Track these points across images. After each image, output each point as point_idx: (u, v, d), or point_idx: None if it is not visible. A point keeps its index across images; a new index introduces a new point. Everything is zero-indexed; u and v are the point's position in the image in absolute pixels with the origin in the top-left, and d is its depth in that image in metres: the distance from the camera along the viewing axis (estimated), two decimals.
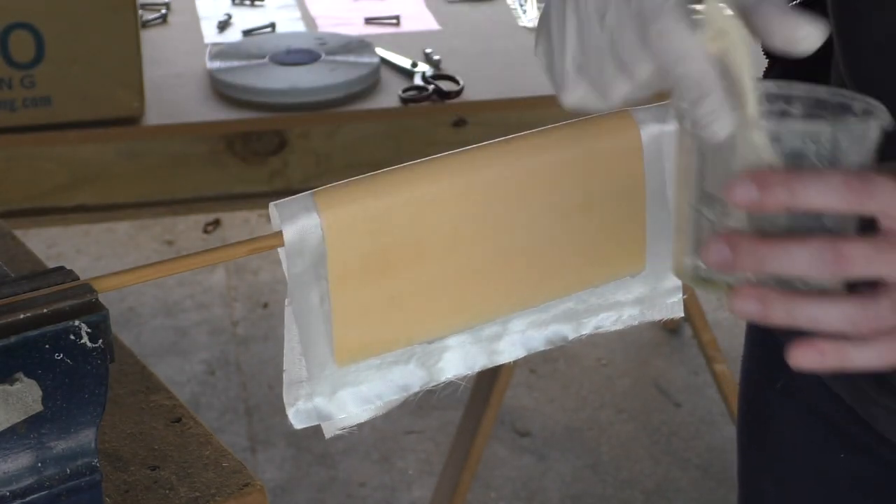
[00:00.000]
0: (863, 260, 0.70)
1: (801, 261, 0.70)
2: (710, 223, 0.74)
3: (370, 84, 2.08)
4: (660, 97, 0.85)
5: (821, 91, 0.78)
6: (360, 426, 0.87)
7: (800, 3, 1.05)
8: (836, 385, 1.02)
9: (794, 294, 0.71)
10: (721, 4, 0.73)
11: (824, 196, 0.70)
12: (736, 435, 1.19)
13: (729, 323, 2.83)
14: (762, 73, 1.09)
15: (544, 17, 0.83)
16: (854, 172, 0.71)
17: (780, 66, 1.07)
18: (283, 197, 0.81)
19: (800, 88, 0.79)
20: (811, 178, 0.70)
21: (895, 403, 0.96)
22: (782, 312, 0.71)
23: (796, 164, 0.72)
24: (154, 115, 2.02)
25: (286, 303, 0.82)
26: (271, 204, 0.80)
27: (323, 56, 2.14)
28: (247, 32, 2.32)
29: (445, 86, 2.07)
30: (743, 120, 0.73)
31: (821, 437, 1.06)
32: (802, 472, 1.09)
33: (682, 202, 0.77)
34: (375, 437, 2.57)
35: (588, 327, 0.92)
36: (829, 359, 0.72)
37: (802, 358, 0.72)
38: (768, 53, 1.08)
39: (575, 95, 0.80)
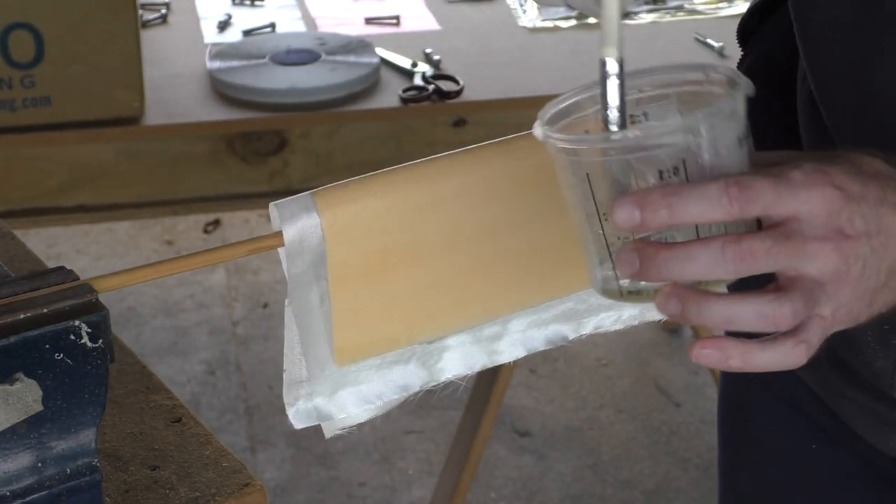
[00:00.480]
0: (764, 254, 0.71)
1: (704, 262, 0.71)
2: (616, 240, 0.75)
3: (370, 84, 2.08)
4: None
5: (663, 68, 0.78)
6: (360, 426, 0.87)
7: (758, 6, 1.06)
8: (808, 379, 1.03)
9: (708, 294, 0.72)
10: None
11: (705, 210, 0.70)
12: (717, 429, 1.19)
13: None
14: (736, 64, 1.10)
15: None
16: (732, 180, 0.70)
17: (751, 56, 1.07)
18: (283, 197, 0.81)
19: (645, 72, 0.79)
20: (689, 193, 0.70)
21: (863, 397, 0.97)
22: (696, 312, 0.72)
23: (680, 160, 0.72)
24: (154, 115, 2.02)
25: (286, 303, 0.82)
26: (271, 204, 0.80)
27: (323, 56, 2.14)
28: (247, 32, 2.32)
29: (445, 86, 2.07)
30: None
31: (797, 430, 1.06)
32: (779, 465, 1.10)
33: (581, 226, 0.77)
34: (375, 437, 2.57)
35: (588, 327, 0.92)
36: (733, 358, 0.73)
37: (705, 356, 0.73)
38: (742, 43, 1.09)
39: None
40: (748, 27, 1.09)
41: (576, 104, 0.79)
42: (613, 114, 0.74)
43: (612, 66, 0.74)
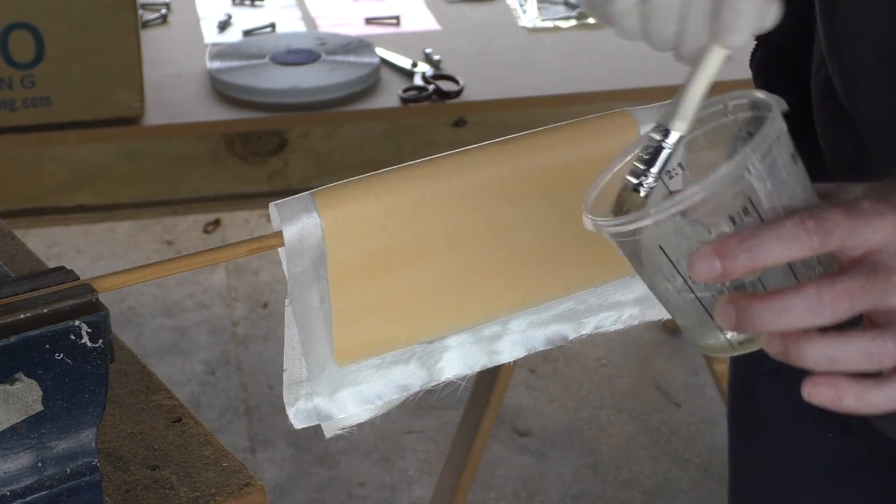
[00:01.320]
0: (860, 294, 0.70)
1: (801, 310, 0.70)
2: (710, 298, 0.74)
3: (370, 84, 2.08)
4: (657, 97, 0.85)
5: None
6: (360, 426, 0.87)
7: None
8: None
9: (811, 335, 0.71)
10: None
11: (784, 248, 0.70)
12: (727, 420, 1.19)
13: None
14: (750, 54, 1.10)
15: None
16: (806, 213, 0.70)
17: (765, 45, 1.08)
18: (283, 197, 0.81)
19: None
20: (765, 233, 0.70)
21: None
22: (798, 352, 0.71)
23: (747, 198, 0.72)
24: (154, 115, 2.02)
25: (286, 303, 0.82)
26: (271, 204, 0.80)
27: (323, 56, 2.14)
28: (247, 32, 2.32)
29: (445, 86, 2.07)
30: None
31: (808, 418, 1.06)
32: (790, 453, 1.10)
33: (671, 298, 0.76)
34: (375, 437, 2.57)
35: (588, 327, 0.92)
36: (847, 398, 0.72)
37: (819, 395, 0.72)
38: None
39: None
40: None
41: (612, 183, 0.78)
42: (649, 180, 0.75)
43: (673, 139, 0.74)
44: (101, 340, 0.74)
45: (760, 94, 0.76)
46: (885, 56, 0.88)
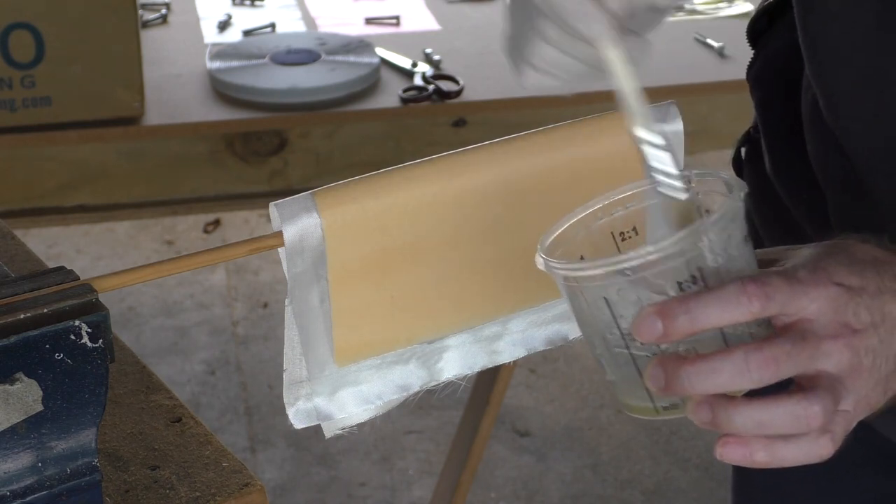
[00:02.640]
0: (786, 359, 0.71)
1: (729, 373, 0.71)
2: (643, 358, 0.75)
3: (370, 84, 2.08)
4: (657, 97, 0.85)
5: (643, 184, 0.80)
6: (360, 426, 0.87)
7: (767, 8, 1.07)
8: None
9: (738, 401, 0.72)
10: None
11: (725, 311, 0.71)
12: None
13: None
14: (747, 67, 1.10)
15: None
16: (747, 279, 0.71)
17: (762, 58, 1.08)
18: (283, 197, 0.81)
19: (627, 187, 0.81)
20: (707, 296, 0.71)
21: None
22: (727, 419, 0.72)
23: (697, 268, 0.73)
24: (154, 115, 2.02)
25: (286, 303, 0.82)
26: (271, 204, 0.80)
27: (323, 56, 2.14)
28: (247, 32, 2.32)
29: (445, 86, 2.07)
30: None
31: None
32: None
33: (604, 352, 0.77)
34: (375, 437, 2.57)
35: None
36: (758, 453, 0.73)
37: (731, 454, 0.73)
38: (752, 43, 1.09)
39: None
40: (757, 27, 1.09)
41: (570, 230, 0.80)
42: (677, 182, 0.76)
43: (655, 137, 0.76)
44: (101, 340, 0.74)
45: (725, 176, 0.77)
46: (868, 80, 0.89)
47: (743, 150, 1.13)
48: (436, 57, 2.17)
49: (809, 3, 0.93)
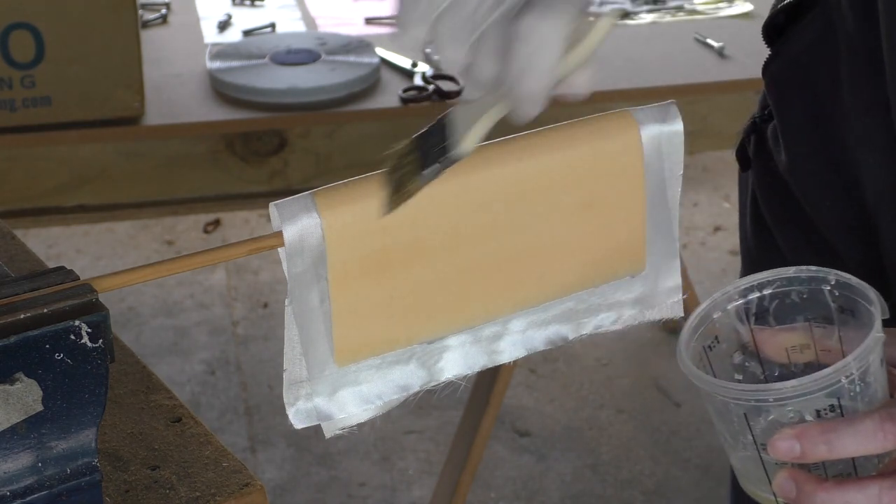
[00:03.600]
0: None
1: None
2: (774, 463, 0.80)
3: (370, 84, 2.08)
4: (657, 97, 0.85)
5: (788, 271, 0.84)
6: (360, 426, 0.87)
7: (786, 6, 1.05)
8: None
9: (825, 481, 0.76)
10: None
11: (861, 445, 0.75)
12: None
13: None
14: (762, 65, 1.09)
15: None
16: (885, 416, 0.75)
17: (780, 58, 1.07)
18: (283, 197, 0.81)
19: (767, 274, 0.84)
20: (845, 429, 0.75)
21: None
22: (809, 497, 0.76)
23: (836, 398, 0.78)
24: (154, 115, 2.02)
25: (286, 303, 0.82)
26: (271, 204, 0.80)
27: (323, 56, 2.14)
28: (247, 32, 2.32)
29: (445, 86, 2.07)
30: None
31: None
32: None
33: (730, 445, 0.82)
34: (375, 437, 2.57)
35: (588, 327, 0.92)
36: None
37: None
38: (769, 42, 1.08)
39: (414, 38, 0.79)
40: (775, 23, 1.08)
41: (711, 307, 0.85)
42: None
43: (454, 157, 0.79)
44: (101, 340, 0.74)
45: (867, 289, 0.80)
46: None
47: (752, 138, 1.12)
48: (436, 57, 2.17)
49: None
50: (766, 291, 0.84)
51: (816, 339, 0.83)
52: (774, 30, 1.08)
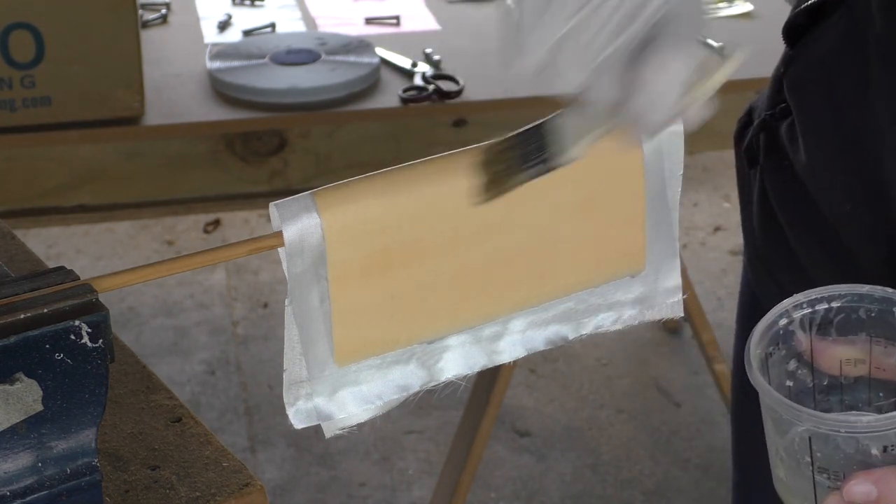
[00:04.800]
0: None
1: None
2: (825, 486, 0.80)
3: (370, 84, 2.08)
4: None
5: (862, 288, 0.84)
6: (360, 426, 0.87)
7: (809, 7, 1.04)
8: None
9: None
10: None
11: None
12: (730, 421, 1.19)
13: (729, 323, 2.83)
14: (781, 62, 1.08)
15: None
16: None
17: (802, 59, 1.05)
18: (283, 197, 0.81)
19: (840, 288, 0.84)
20: None
21: None
22: None
23: None
24: (154, 115, 2.02)
25: (286, 303, 0.82)
26: (271, 204, 0.80)
27: (323, 56, 2.14)
28: (247, 32, 2.32)
29: (445, 86, 2.07)
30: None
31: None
32: None
33: (782, 460, 0.82)
34: (375, 437, 2.57)
35: (588, 327, 0.92)
36: None
37: None
38: (790, 43, 1.07)
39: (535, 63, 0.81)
40: (796, 22, 1.06)
41: (775, 315, 0.85)
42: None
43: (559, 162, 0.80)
44: (101, 340, 0.74)
45: None
46: None
47: (761, 136, 1.11)
48: (436, 57, 2.17)
49: None
50: (835, 304, 0.84)
51: (874, 356, 0.83)
52: (796, 30, 1.07)
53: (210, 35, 2.31)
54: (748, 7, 2.36)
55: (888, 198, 0.97)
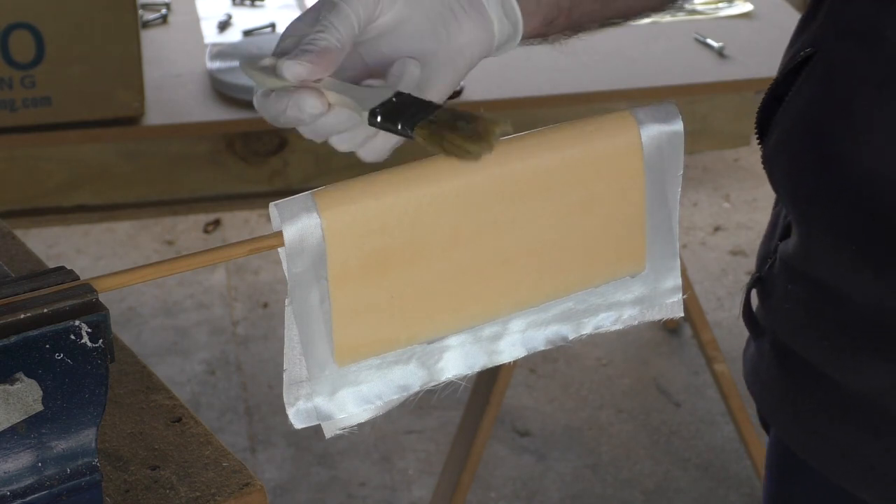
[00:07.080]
0: None
1: None
2: None
3: None
4: (657, 97, 0.85)
5: None
6: (360, 426, 0.87)
7: (774, 90, 1.02)
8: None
9: None
10: None
11: None
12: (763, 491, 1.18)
13: (729, 323, 2.83)
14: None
15: None
16: None
17: (774, 139, 1.03)
18: (283, 197, 0.81)
19: None
20: None
21: None
22: None
23: None
24: (154, 115, 2.02)
25: (286, 303, 0.82)
26: (271, 204, 0.80)
27: None
28: (247, 32, 2.32)
29: None
30: None
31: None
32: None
33: None
34: (375, 437, 2.57)
35: (588, 327, 0.92)
36: None
37: None
38: (761, 132, 1.04)
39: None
40: (767, 114, 1.03)
41: None
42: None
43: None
44: (101, 340, 0.74)
45: None
46: None
47: (753, 292, 1.07)
48: None
49: None
50: None
51: None
52: (768, 119, 1.03)
53: (210, 35, 2.31)
54: (748, 7, 2.36)
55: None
